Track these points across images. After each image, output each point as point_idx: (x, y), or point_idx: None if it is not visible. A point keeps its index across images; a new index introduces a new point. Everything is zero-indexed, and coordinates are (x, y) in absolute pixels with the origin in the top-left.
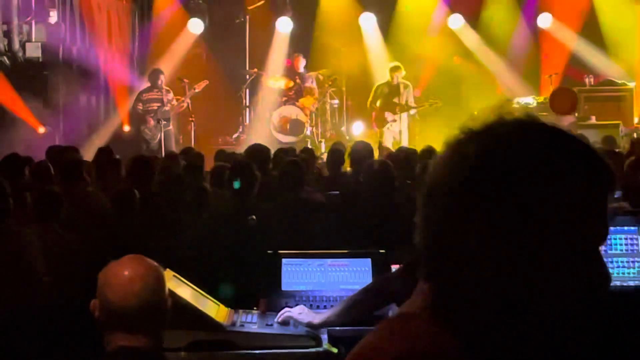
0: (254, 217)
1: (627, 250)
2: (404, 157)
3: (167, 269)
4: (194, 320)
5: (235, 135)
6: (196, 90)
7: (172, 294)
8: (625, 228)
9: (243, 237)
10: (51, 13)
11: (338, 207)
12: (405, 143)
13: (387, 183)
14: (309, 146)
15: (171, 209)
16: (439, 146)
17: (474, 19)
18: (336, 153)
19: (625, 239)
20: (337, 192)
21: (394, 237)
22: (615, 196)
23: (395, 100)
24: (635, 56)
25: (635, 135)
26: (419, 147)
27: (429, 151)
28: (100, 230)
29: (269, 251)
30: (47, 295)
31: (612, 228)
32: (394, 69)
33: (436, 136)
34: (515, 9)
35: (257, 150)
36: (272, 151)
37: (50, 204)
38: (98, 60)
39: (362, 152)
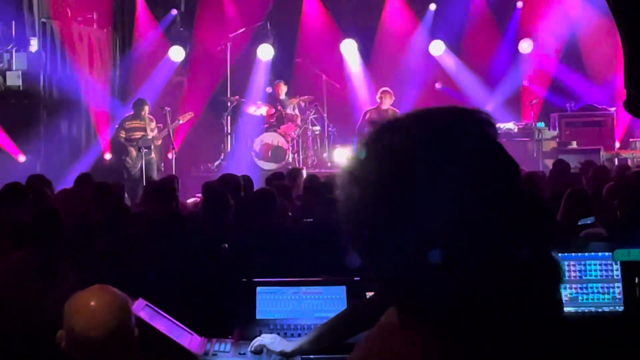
0: (226, 245)
1: (602, 276)
2: None
3: (140, 299)
4: (167, 350)
5: (216, 163)
6: (180, 122)
7: (145, 324)
8: (600, 254)
9: (217, 265)
10: (32, 41)
11: (312, 233)
12: None
13: None
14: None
15: (144, 236)
16: None
17: (455, 44)
18: (313, 179)
19: (600, 265)
20: (311, 220)
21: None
22: (588, 222)
23: None
24: (616, 81)
25: (616, 160)
26: None
27: None
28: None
29: (243, 279)
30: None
31: (586, 254)
32: (384, 94)
33: None
34: (497, 35)
35: (229, 179)
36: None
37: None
38: (79, 89)
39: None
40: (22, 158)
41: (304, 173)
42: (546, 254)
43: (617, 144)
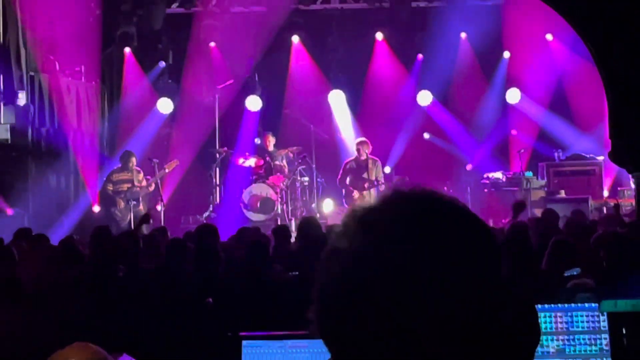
0: (211, 299)
1: (588, 327)
2: None
3: (124, 354)
4: None
5: (205, 214)
6: (166, 171)
7: None
8: (587, 305)
9: (203, 320)
10: (20, 95)
11: (298, 285)
12: None
13: None
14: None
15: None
16: None
17: (442, 94)
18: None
19: (587, 316)
20: (297, 273)
21: None
22: (574, 273)
23: (364, 175)
24: (603, 130)
25: (604, 209)
26: None
27: None
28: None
29: (229, 333)
30: None
31: (573, 305)
32: (360, 144)
33: None
34: (484, 84)
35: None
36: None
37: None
38: (67, 141)
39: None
40: (9, 211)
41: (293, 224)
42: (526, 318)
43: (606, 193)
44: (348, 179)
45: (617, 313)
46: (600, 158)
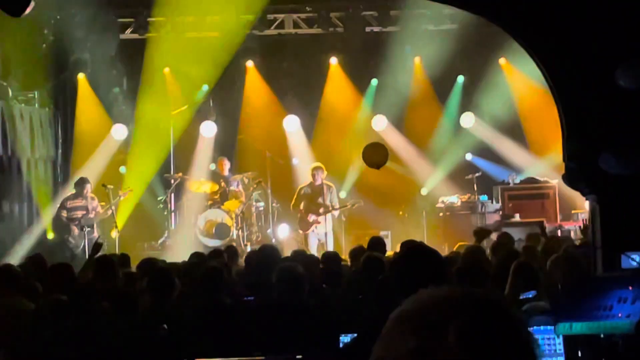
0: (165, 326)
1: (545, 350)
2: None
3: None
4: None
5: (160, 241)
6: (121, 198)
7: None
8: (542, 328)
9: (156, 347)
10: None
11: (253, 310)
12: (330, 245)
13: (296, 286)
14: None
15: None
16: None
17: (397, 119)
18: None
19: (543, 338)
20: (252, 298)
21: (306, 339)
22: (530, 295)
23: (319, 201)
24: (557, 153)
25: (559, 232)
26: (346, 249)
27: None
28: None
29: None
30: None
31: (529, 328)
32: (315, 169)
33: (361, 237)
34: (438, 108)
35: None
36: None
37: None
38: (21, 168)
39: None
40: None
41: (249, 249)
42: None
43: (560, 216)
44: (302, 204)
45: (572, 336)
46: (555, 181)
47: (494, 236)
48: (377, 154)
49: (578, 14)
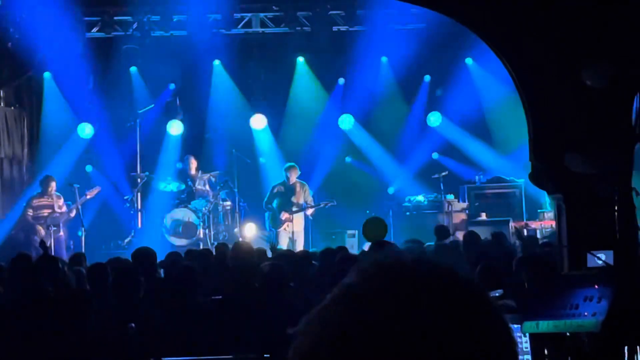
0: (133, 325)
1: None
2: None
3: None
4: None
5: (127, 240)
6: (88, 197)
7: None
8: None
9: (124, 345)
10: None
11: (220, 310)
12: (301, 244)
13: (279, 285)
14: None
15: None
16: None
17: (364, 118)
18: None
19: None
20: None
21: (283, 339)
22: (496, 294)
23: (292, 199)
24: (523, 152)
25: (525, 231)
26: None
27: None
28: None
29: (151, 359)
30: None
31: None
32: (289, 169)
33: (328, 236)
34: (405, 108)
35: (144, 254)
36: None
37: None
38: None
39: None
40: None
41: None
42: None
43: (526, 215)
44: (275, 202)
45: (538, 334)
46: (521, 181)
47: (460, 235)
48: (377, 229)
49: (544, 14)
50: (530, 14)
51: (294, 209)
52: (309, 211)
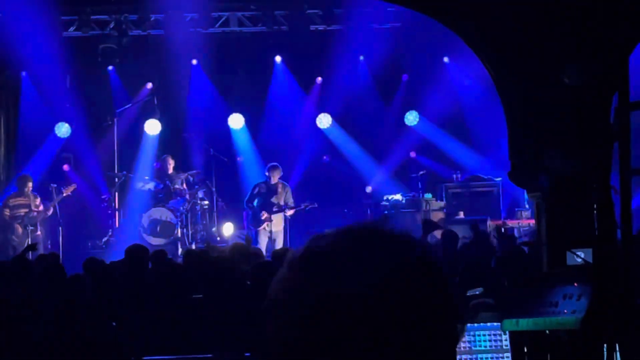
0: (114, 324)
1: (491, 346)
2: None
3: None
4: None
5: (105, 239)
6: (64, 195)
7: None
8: (489, 324)
9: (106, 342)
10: None
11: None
12: (280, 243)
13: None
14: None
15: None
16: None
17: (342, 117)
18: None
19: (489, 335)
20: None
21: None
22: (477, 292)
23: (274, 199)
24: (501, 151)
25: (503, 229)
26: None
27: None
28: None
29: (132, 358)
30: None
31: (475, 325)
32: (272, 169)
33: (305, 235)
34: (383, 107)
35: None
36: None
37: None
38: None
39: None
40: None
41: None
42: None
43: (504, 214)
44: (257, 202)
45: (518, 332)
46: (498, 179)
47: (437, 233)
48: None
49: (522, 12)
50: (509, 12)
51: (275, 209)
52: (289, 212)
